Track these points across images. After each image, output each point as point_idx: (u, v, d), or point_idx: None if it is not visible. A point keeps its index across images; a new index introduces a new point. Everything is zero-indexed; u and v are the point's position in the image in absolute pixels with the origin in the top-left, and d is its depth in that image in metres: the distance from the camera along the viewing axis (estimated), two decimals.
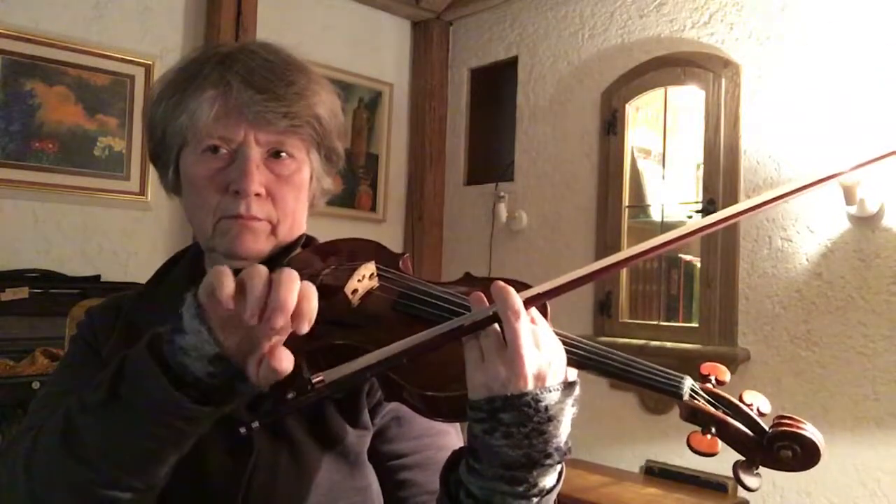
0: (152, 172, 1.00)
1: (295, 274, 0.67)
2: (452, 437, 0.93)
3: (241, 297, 0.65)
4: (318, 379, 0.66)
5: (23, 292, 2.37)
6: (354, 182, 3.57)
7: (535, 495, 0.68)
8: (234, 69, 0.84)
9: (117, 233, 2.84)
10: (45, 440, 0.74)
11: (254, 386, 0.68)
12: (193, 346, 0.66)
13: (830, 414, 2.35)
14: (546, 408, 0.65)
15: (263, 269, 0.67)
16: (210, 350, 0.66)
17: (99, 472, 0.70)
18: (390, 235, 3.67)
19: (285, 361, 0.66)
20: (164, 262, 1.01)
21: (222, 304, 0.64)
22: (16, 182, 2.59)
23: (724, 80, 2.65)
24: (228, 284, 0.65)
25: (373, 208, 3.64)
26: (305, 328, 0.66)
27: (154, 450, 0.70)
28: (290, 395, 0.68)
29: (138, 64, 2.86)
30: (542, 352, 0.67)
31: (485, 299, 0.69)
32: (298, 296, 0.65)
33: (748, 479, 0.70)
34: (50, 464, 0.73)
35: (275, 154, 0.87)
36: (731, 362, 2.51)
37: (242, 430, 0.78)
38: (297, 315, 0.65)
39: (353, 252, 0.86)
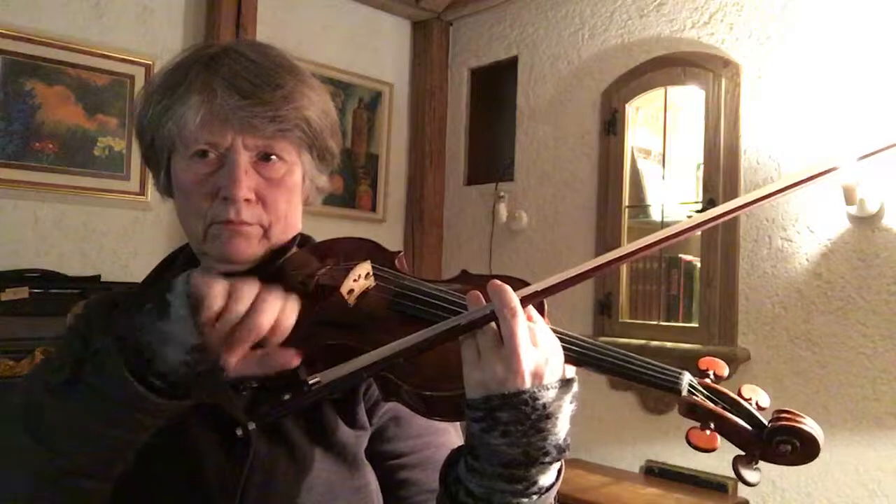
0: None
1: (276, 301, 0.71)
2: (452, 435, 0.93)
3: (224, 309, 0.69)
4: (314, 380, 0.67)
5: (23, 292, 2.37)
6: (354, 182, 3.56)
7: (535, 493, 0.68)
8: (220, 74, 0.83)
9: (117, 233, 2.84)
10: (6, 420, 0.76)
11: (227, 379, 0.71)
12: (175, 333, 0.68)
13: (830, 414, 2.34)
14: (543, 405, 0.66)
15: (251, 290, 0.70)
16: (191, 340, 0.68)
17: (56, 453, 0.71)
18: (390, 235, 3.67)
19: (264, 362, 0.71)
20: (161, 261, 1.00)
21: (210, 313, 0.68)
22: (16, 182, 2.59)
23: (724, 80, 2.65)
24: (218, 298, 0.69)
25: (373, 208, 3.63)
26: (276, 342, 0.71)
27: (111, 434, 0.71)
28: (286, 397, 0.68)
29: (138, 64, 2.87)
30: (538, 349, 0.67)
31: (482, 298, 0.69)
32: (277, 314, 0.70)
33: (748, 474, 0.70)
34: (8, 443, 0.74)
35: (264, 157, 0.85)
36: (731, 362, 2.51)
37: (239, 431, 0.79)
38: (271, 330, 0.70)
39: (348, 251, 0.86)
